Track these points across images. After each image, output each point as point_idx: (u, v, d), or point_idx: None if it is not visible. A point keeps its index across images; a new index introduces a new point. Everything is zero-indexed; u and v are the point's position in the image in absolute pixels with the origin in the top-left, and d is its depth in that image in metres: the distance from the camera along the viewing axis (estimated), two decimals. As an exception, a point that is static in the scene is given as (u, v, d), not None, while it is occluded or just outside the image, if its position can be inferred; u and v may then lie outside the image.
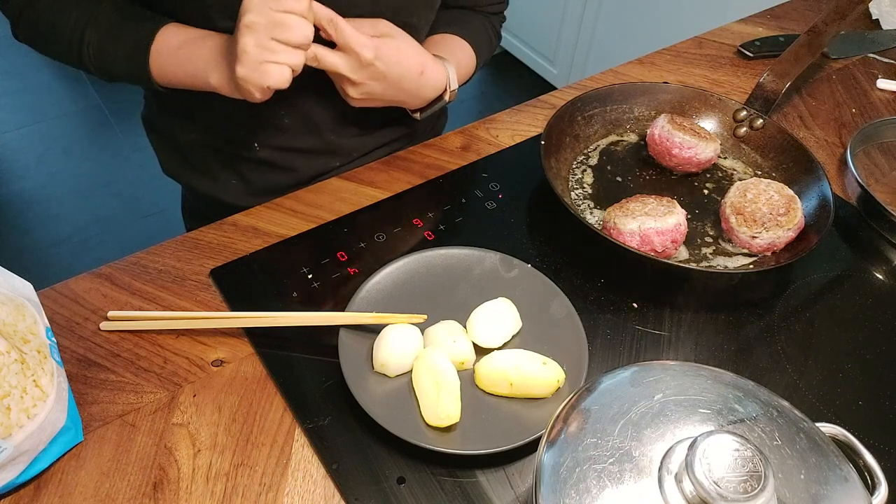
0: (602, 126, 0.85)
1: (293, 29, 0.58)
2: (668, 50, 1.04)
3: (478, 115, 0.85)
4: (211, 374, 0.58)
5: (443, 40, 0.82)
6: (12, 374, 0.46)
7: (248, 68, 0.59)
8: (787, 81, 0.84)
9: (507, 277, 0.64)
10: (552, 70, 2.46)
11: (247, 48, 0.59)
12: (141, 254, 0.67)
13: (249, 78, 0.60)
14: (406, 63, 0.70)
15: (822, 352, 0.64)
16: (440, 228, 0.72)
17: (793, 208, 0.69)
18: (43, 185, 2.08)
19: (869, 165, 0.86)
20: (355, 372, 0.55)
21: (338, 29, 0.63)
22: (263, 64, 0.59)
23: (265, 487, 0.51)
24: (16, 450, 0.46)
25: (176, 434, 0.54)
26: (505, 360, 0.56)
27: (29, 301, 0.53)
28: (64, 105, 2.34)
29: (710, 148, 0.78)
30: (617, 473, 0.37)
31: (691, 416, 0.40)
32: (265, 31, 0.58)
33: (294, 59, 0.60)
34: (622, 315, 0.66)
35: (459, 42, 0.82)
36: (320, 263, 0.67)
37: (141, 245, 0.68)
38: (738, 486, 0.34)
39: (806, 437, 0.40)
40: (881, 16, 1.15)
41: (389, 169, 0.79)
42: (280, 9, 0.58)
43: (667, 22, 1.96)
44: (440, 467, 0.53)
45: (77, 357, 0.58)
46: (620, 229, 0.67)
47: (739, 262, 0.71)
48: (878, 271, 0.73)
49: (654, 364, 0.45)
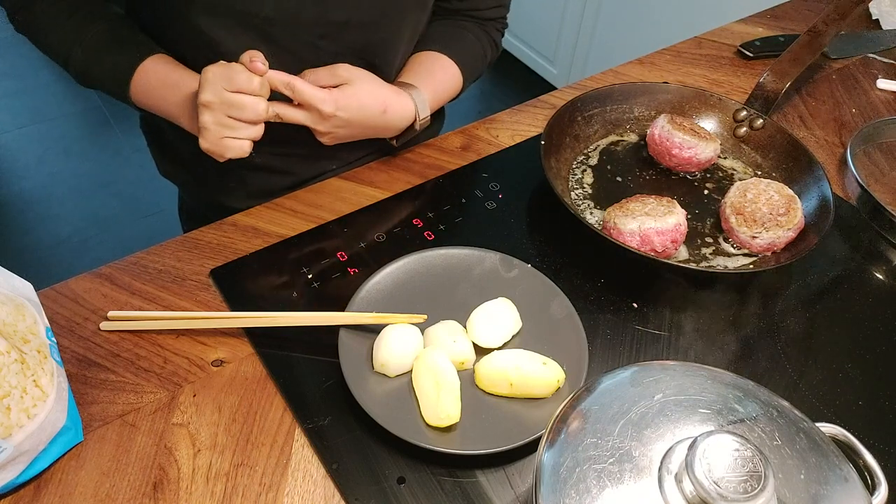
0: (602, 126, 0.85)
1: (246, 108, 0.62)
2: (668, 50, 1.04)
3: (478, 115, 0.85)
4: (211, 374, 0.58)
5: (424, 60, 0.80)
6: (12, 374, 0.46)
7: (210, 143, 0.64)
8: (787, 81, 0.84)
9: (507, 277, 0.64)
10: (552, 70, 2.46)
11: (206, 125, 0.63)
12: (141, 254, 0.67)
13: (212, 151, 0.65)
14: (367, 106, 0.71)
15: (822, 352, 0.64)
16: (440, 228, 0.72)
17: (793, 208, 0.69)
18: (43, 185, 2.08)
19: (869, 165, 0.86)
20: (355, 372, 0.55)
21: (295, 90, 0.66)
22: (223, 140, 0.63)
23: (265, 487, 0.51)
24: (16, 450, 0.46)
25: (176, 434, 0.54)
26: (505, 360, 0.56)
27: (29, 301, 0.53)
28: (64, 105, 2.34)
29: (710, 148, 0.78)
30: (617, 473, 0.37)
31: (691, 416, 0.40)
32: (220, 109, 0.62)
33: (251, 133, 0.64)
34: (622, 315, 0.66)
35: (442, 61, 0.80)
36: (320, 263, 0.67)
37: (141, 245, 0.68)
38: (738, 486, 0.34)
39: (806, 437, 0.40)
40: (881, 16, 1.15)
41: (389, 169, 0.79)
42: (232, 89, 0.61)
43: (667, 22, 1.96)
44: (440, 467, 0.53)
45: (77, 357, 0.58)
46: (620, 229, 0.67)
47: (739, 262, 0.71)
48: (878, 271, 0.73)
49: (654, 364, 0.45)
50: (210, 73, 0.61)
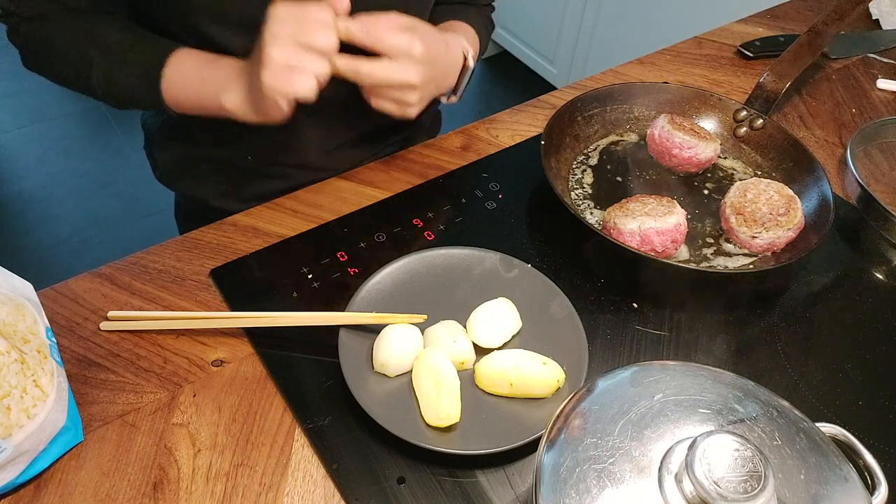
0: (602, 126, 0.85)
1: (318, 34, 0.57)
2: (668, 50, 1.04)
3: (478, 115, 0.85)
4: (211, 374, 0.58)
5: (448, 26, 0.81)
6: (12, 374, 0.46)
7: (275, 77, 0.57)
8: (787, 81, 0.84)
9: (507, 277, 0.64)
10: (552, 70, 2.46)
11: (272, 56, 0.57)
12: (141, 254, 0.67)
13: (275, 85, 0.57)
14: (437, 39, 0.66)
15: (822, 352, 0.64)
16: (440, 228, 0.72)
17: (793, 208, 0.69)
18: (43, 185, 2.08)
19: (869, 165, 0.86)
20: (355, 372, 0.55)
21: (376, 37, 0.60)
22: (290, 71, 0.57)
23: (265, 487, 0.51)
24: (16, 450, 0.46)
25: (176, 434, 0.54)
26: (505, 360, 0.56)
27: (29, 301, 0.53)
28: (64, 105, 2.34)
29: (710, 148, 0.78)
30: (617, 473, 0.37)
31: (691, 416, 0.40)
32: (291, 38, 0.57)
33: (320, 67, 0.58)
34: (622, 315, 0.66)
35: (463, 25, 0.81)
36: (320, 263, 0.67)
37: (141, 245, 0.68)
38: (738, 486, 0.34)
39: (806, 437, 0.40)
40: (881, 16, 1.15)
41: (389, 169, 0.79)
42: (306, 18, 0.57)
43: (667, 22, 1.96)
44: (440, 467, 0.53)
45: (77, 357, 0.58)
46: (620, 229, 0.67)
47: (739, 262, 0.71)
48: (878, 271, 0.73)
49: (654, 364, 0.45)
50: (280, 9, 0.57)
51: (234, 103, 0.64)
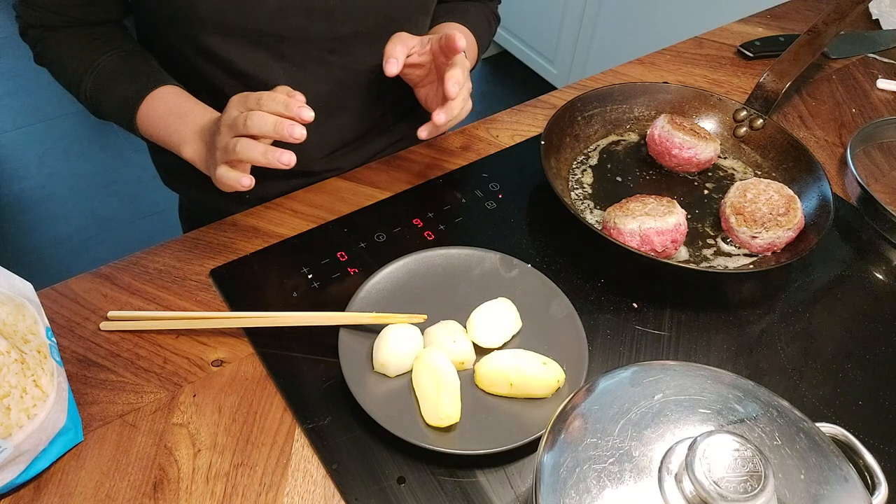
0: (602, 126, 0.85)
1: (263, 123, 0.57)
2: (668, 50, 1.04)
3: (478, 115, 0.85)
4: (211, 374, 0.58)
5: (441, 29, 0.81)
6: (12, 374, 0.46)
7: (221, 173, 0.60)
8: (787, 81, 0.84)
9: (507, 277, 0.64)
10: (552, 70, 2.46)
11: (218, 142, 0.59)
12: (141, 254, 0.67)
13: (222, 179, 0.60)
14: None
15: (822, 352, 0.64)
16: (440, 228, 0.72)
17: (793, 208, 0.69)
18: (43, 185, 2.07)
19: (869, 165, 0.86)
20: (355, 372, 0.55)
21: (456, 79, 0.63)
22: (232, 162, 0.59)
23: (265, 487, 0.51)
24: (16, 450, 0.46)
25: (176, 434, 0.54)
26: (505, 360, 0.56)
27: (29, 301, 0.53)
28: (64, 105, 2.34)
29: (710, 148, 0.78)
30: (617, 473, 0.37)
31: (691, 416, 0.40)
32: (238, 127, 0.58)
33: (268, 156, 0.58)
34: (622, 315, 0.66)
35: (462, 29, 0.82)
36: (320, 263, 0.67)
37: (141, 245, 0.68)
38: (738, 486, 0.34)
39: (806, 437, 0.40)
40: (881, 16, 1.15)
41: (389, 169, 0.79)
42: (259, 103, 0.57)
43: (667, 22, 1.96)
44: (440, 467, 0.53)
45: (77, 357, 0.58)
46: (620, 229, 0.67)
47: (739, 262, 0.71)
48: (878, 271, 0.73)
49: (654, 364, 0.45)
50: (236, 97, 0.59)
51: (191, 158, 0.67)
